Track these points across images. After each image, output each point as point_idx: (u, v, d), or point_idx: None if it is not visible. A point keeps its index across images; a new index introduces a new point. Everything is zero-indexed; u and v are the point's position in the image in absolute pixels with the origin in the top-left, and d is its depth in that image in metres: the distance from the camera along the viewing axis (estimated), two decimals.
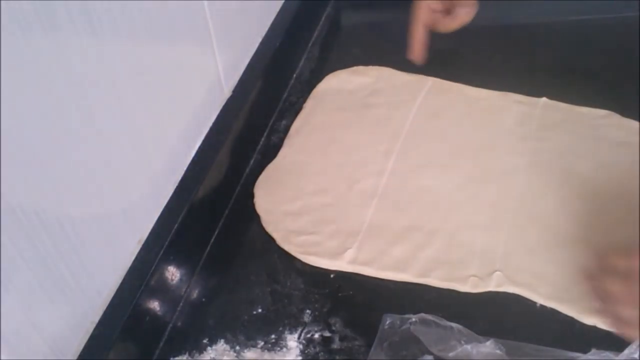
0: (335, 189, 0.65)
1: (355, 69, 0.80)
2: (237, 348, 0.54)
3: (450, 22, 0.76)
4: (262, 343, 0.54)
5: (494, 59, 0.80)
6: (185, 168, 0.61)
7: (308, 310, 0.57)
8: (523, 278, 0.56)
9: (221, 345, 0.54)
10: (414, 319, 0.53)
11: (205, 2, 0.59)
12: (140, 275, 0.52)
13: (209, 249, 0.63)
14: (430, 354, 0.51)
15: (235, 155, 0.67)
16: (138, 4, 0.49)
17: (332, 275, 0.59)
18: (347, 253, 0.59)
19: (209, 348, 0.54)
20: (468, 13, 0.75)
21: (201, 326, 0.56)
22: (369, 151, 0.69)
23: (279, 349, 0.54)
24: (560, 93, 0.73)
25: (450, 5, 0.75)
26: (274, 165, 0.69)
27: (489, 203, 0.63)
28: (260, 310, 0.57)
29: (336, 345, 0.54)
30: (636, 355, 0.48)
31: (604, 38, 0.81)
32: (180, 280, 0.58)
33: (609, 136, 0.68)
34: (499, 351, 0.50)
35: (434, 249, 0.59)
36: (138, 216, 0.54)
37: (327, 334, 0.55)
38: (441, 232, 0.60)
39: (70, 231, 0.45)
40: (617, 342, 0.50)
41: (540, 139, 0.69)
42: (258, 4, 0.74)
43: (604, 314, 0.50)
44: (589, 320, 0.53)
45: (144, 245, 0.54)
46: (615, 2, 0.83)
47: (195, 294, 0.59)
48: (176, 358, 0.54)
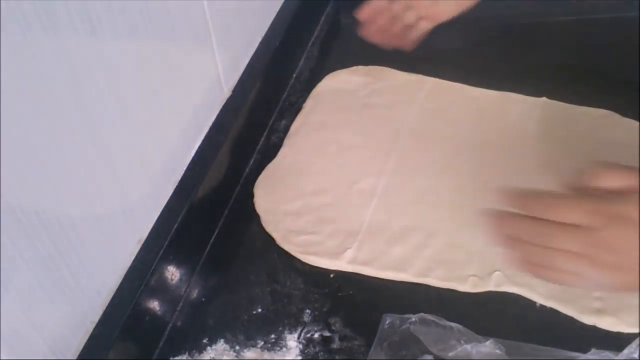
0: (335, 189, 0.65)
1: (355, 69, 0.80)
2: (237, 348, 0.54)
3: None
4: (262, 343, 0.54)
5: (494, 59, 0.80)
6: (185, 168, 0.61)
7: (308, 310, 0.57)
8: (523, 278, 0.56)
9: (221, 345, 0.54)
10: (414, 319, 0.53)
11: (205, 2, 0.59)
12: (140, 275, 0.52)
13: (209, 249, 0.63)
14: (430, 354, 0.51)
15: (235, 155, 0.67)
16: (138, 4, 0.49)
17: (332, 275, 0.59)
18: (347, 253, 0.59)
19: (209, 348, 0.54)
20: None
21: (201, 326, 0.56)
22: (369, 151, 0.69)
23: (279, 349, 0.54)
24: (560, 93, 0.73)
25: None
26: (274, 165, 0.69)
27: (488, 203, 0.63)
28: (260, 310, 0.57)
29: (336, 345, 0.54)
30: (636, 355, 0.48)
31: (604, 38, 0.81)
32: (180, 280, 0.58)
33: (609, 136, 0.68)
34: (499, 351, 0.50)
35: (434, 249, 0.59)
36: (138, 216, 0.54)
37: (327, 334, 0.55)
38: (441, 232, 0.60)
39: (70, 231, 0.45)
40: (617, 342, 0.50)
41: (540, 139, 0.69)
42: (258, 4, 0.74)
43: (516, 258, 0.47)
44: (589, 320, 0.53)
45: (144, 245, 0.54)
46: (615, 2, 0.83)
47: (195, 294, 0.59)
48: (176, 358, 0.54)
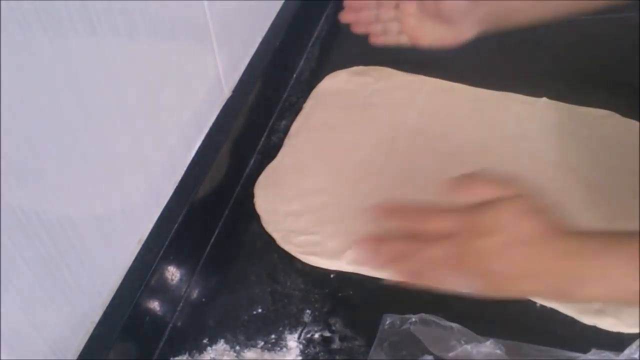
0: (335, 189, 0.65)
1: (355, 69, 0.80)
2: (237, 348, 0.54)
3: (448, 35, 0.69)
4: (262, 343, 0.54)
5: (494, 59, 0.80)
6: (185, 168, 0.61)
7: (308, 310, 0.57)
8: None
9: (221, 345, 0.54)
10: (414, 319, 0.53)
11: (205, 2, 0.59)
12: (140, 275, 0.52)
13: (209, 249, 0.63)
14: (430, 354, 0.51)
15: (235, 155, 0.67)
16: (138, 4, 0.49)
17: (332, 275, 0.59)
18: (347, 253, 0.59)
19: (209, 348, 0.54)
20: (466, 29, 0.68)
21: (201, 326, 0.56)
22: (369, 151, 0.69)
23: (279, 349, 0.54)
24: (560, 93, 0.73)
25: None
26: (274, 165, 0.69)
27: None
28: (260, 310, 0.57)
29: (336, 345, 0.54)
30: (636, 356, 0.48)
31: (604, 38, 0.81)
32: (180, 280, 0.58)
33: (609, 136, 0.68)
34: (499, 351, 0.50)
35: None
36: (138, 216, 0.54)
37: (327, 334, 0.55)
38: None
39: (70, 231, 0.45)
40: (617, 342, 0.50)
41: (540, 139, 0.69)
42: (258, 4, 0.74)
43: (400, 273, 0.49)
44: (589, 320, 0.53)
45: (144, 245, 0.54)
46: (615, 2, 0.83)
47: (195, 294, 0.59)
48: (176, 358, 0.54)
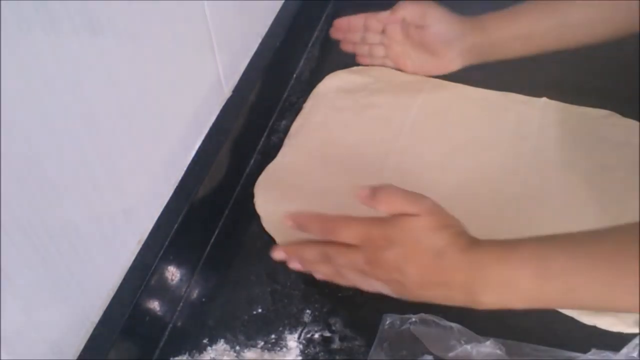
0: (335, 189, 0.65)
1: (355, 69, 0.80)
2: (237, 348, 0.54)
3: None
4: (262, 343, 0.54)
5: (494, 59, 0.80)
6: (185, 168, 0.61)
7: (308, 310, 0.57)
8: None
9: (221, 345, 0.54)
10: (414, 319, 0.53)
11: (205, 3, 0.59)
12: (140, 275, 0.52)
13: (209, 249, 0.63)
14: (430, 354, 0.51)
15: (235, 155, 0.67)
16: (138, 4, 0.49)
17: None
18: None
19: (209, 348, 0.54)
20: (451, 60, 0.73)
21: (201, 326, 0.56)
22: (369, 151, 0.69)
23: (279, 349, 0.54)
24: (560, 93, 0.73)
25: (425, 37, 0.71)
26: (274, 165, 0.69)
27: (489, 203, 0.63)
28: (260, 310, 0.57)
29: (336, 345, 0.54)
30: (635, 354, 0.48)
31: None
32: (180, 280, 0.58)
33: (609, 136, 0.68)
34: (499, 351, 0.50)
35: None
36: (138, 216, 0.54)
37: (327, 334, 0.55)
38: None
39: (70, 231, 0.45)
40: (617, 342, 0.50)
41: (540, 139, 0.69)
42: (258, 4, 0.74)
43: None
44: (589, 320, 0.53)
45: (144, 245, 0.54)
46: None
47: (195, 294, 0.59)
48: (176, 358, 0.54)
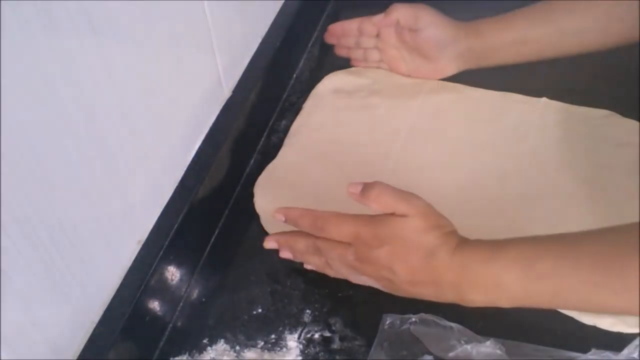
0: (335, 189, 0.65)
1: (354, 69, 0.80)
2: (237, 348, 0.54)
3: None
4: (262, 343, 0.54)
5: None
6: (185, 168, 0.61)
7: (308, 310, 0.57)
8: None
9: (221, 345, 0.54)
10: (414, 319, 0.53)
11: (205, 2, 0.59)
12: (140, 275, 0.52)
13: (209, 249, 0.63)
14: (430, 354, 0.51)
15: (235, 155, 0.67)
16: (138, 4, 0.49)
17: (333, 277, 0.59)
18: None
19: (209, 348, 0.54)
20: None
21: (201, 326, 0.56)
22: (369, 151, 0.69)
23: (279, 349, 0.54)
24: (560, 93, 0.73)
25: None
26: (274, 165, 0.69)
27: (488, 203, 0.63)
28: (260, 310, 0.57)
29: (336, 345, 0.54)
30: (635, 355, 0.48)
31: None
32: (180, 280, 0.58)
33: (609, 136, 0.68)
34: (499, 351, 0.50)
35: None
36: (138, 216, 0.54)
37: (327, 334, 0.55)
38: None
39: (70, 231, 0.45)
40: (617, 342, 0.50)
41: (540, 139, 0.69)
42: (258, 4, 0.74)
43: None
44: (589, 320, 0.53)
45: (144, 245, 0.54)
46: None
47: (195, 294, 0.59)
48: (176, 358, 0.54)
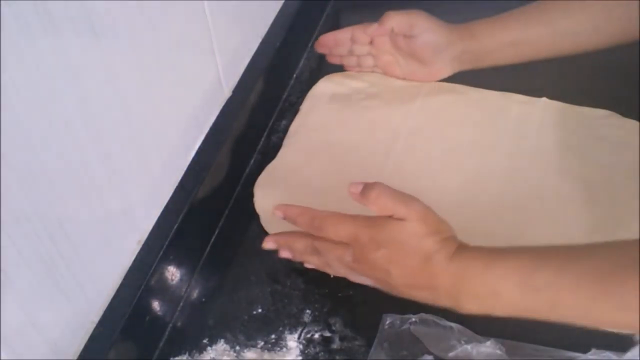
0: (335, 189, 0.65)
1: (351, 73, 0.79)
2: (237, 348, 0.54)
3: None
4: (262, 343, 0.54)
5: None
6: (185, 168, 0.61)
7: (308, 310, 0.57)
8: None
9: (221, 345, 0.54)
10: (414, 319, 0.53)
11: (205, 2, 0.59)
12: (140, 275, 0.52)
13: (209, 249, 0.63)
14: (430, 354, 0.51)
15: (235, 155, 0.67)
16: (138, 4, 0.49)
17: (332, 275, 0.59)
18: None
19: (209, 348, 0.54)
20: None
21: (201, 326, 0.56)
22: (368, 152, 0.69)
23: (279, 349, 0.54)
24: (560, 93, 0.73)
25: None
26: (274, 165, 0.69)
27: (489, 203, 0.63)
28: (260, 310, 0.57)
29: (336, 345, 0.54)
30: (637, 358, 0.48)
31: None
32: (180, 280, 0.58)
33: (609, 136, 0.68)
34: (499, 351, 0.50)
35: None
36: (138, 216, 0.54)
37: (327, 334, 0.55)
38: None
39: (70, 231, 0.45)
40: (617, 342, 0.50)
41: (540, 139, 0.69)
42: (258, 4, 0.74)
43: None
44: None
45: (144, 245, 0.54)
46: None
47: (195, 294, 0.59)
48: (176, 358, 0.54)
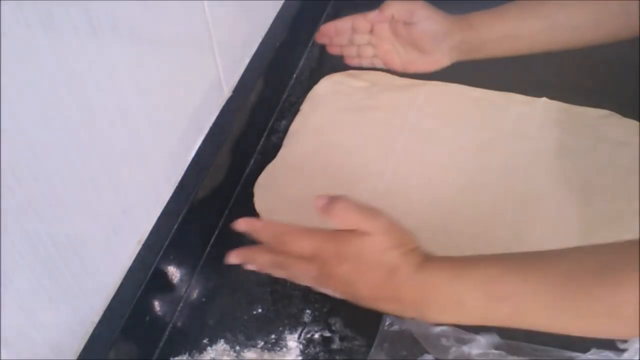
0: (335, 190, 0.65)
1: (351, 72, 0.79)
2: (237, 348, 0.54)
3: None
4: (262, 343, 0.55)
5: (494, 59, 0.80)
6: (185, 168, 0.61)
7: (308, 310, 0.57)
8: None
9: (221, 345, 0.55)
10: (413, 319, 0.53)
11: (205, 3, 0.59)
12: (140, 275, 0.52)
13: (209, 249, 0.63)
14: (430, 354, 0.51)
15: (235, 155, 0.67)
16: (138, 4, 0.49)
17: None
18: None
19: (209, 348, 0.54)
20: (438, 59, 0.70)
21: (201, 326, 0.56)
22: (369, 152, 0.69)
23: (279, 349, 0.54)
24: (560, 93, 0.73)
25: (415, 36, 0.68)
26: (274, 165, 0.69)
27: (489, 203, 0.63)
28: (260, 310, 0.57)
29: (336, 345, 0.54)
30: (636, 357, 0.48)
31: None
32: (180, 280, 0.58)
33: (609, 136, 0.68)
34: (498, 351, 0.50)
35: (435, 250, 0.59)
36: (138, 216, 0.54)
37: (327, 334, 0.55)
38: (441, 233, 0.60)
39: (70, 231, 0.45)
40: (617, 342, 0.50)
41: (540, 139, 0.69)
42: (258, 4, 0.74)
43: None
44: None
45: (144, 245, 0.54)
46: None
47: (195, 294, 0.59)
48: (176, 358, 0.54)
